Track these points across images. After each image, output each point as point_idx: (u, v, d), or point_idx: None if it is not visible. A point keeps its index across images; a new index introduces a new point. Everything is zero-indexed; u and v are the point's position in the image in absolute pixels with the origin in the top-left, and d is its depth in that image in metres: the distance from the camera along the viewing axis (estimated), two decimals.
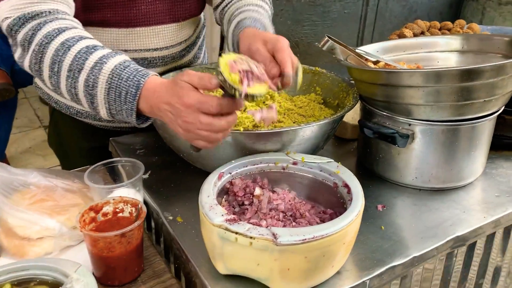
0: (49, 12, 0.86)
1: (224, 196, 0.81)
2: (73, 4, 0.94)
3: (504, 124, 1.12)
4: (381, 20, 2.32)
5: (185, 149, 0.94)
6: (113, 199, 0.82)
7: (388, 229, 0.84)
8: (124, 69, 0.81)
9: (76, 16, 0.95)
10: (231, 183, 0.81)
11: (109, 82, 0.81)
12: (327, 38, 0.96)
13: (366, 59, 1.06)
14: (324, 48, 0.97)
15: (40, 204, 0.86)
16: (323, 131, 0.92)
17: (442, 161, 0.93)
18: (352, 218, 0.67)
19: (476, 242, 0.91)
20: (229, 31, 1.05)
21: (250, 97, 0.71)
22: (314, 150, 0.96)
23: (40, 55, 0.85)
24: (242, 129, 0.86)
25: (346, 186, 0.76)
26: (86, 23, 0.99)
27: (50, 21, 0.86)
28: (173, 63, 1.19)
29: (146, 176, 0.96)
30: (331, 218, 0.78)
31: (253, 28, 0.96)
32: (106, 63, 0.82)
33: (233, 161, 0.84)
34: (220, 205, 0.75)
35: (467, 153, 0.93)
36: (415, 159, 0.94)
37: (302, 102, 1.14)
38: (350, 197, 0.73)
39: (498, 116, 0.95)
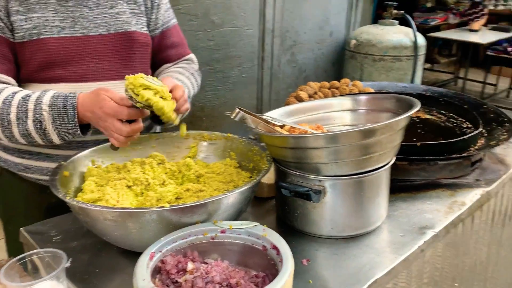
0: None
1: (157, 276, 0.81)
2: (9, 79, 1.15)
3: (397, 169, 1.27)
4: (276, 81, 2.52)
5: (109, 232, 0.92)
6: None
7: (316, 282, 0.90)
8: (57, 100, 1.06)
9: (31, 75, 1.16)
10: (162, 261, 0.82)
11: (51, 113, 1.06)
12: (238, 110, 1.03)
13: (274, 124, 1.15)
14: (236, 119, 1.04)
15: None
16: (245, 196, 0.98)
17: (352, 210, 1.03)
18: (285, 279, 0.71)
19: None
20: None
21: (147, 106, 0.99)
22: (239, 214, 1.01)
23: None
24: (168, 205, 0.87)
25: (275, 247, 0.81)
26: (41, 80, 1.17)
27: None
28: None
29: (68, 264, 0.92)
30: (264, 281, 0.81)
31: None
32: (42, 101, 1.07)
33: (161, 238, 0.84)
34: (155, 285, 0.75)
35: (372, 200, 1.05)
36: (329, 211, 1.03)
37: (219, 168, 1.19)
38: (280, 258, 0.78)
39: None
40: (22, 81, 1.18)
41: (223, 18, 2.17)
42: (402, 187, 1.29)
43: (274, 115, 1.24)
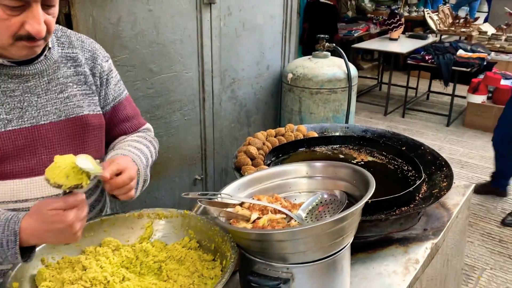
0: None
1: None
2: None
3: None
4: (218, 119, 2.50)
5: None
6: None
7: None
8: None
9: None
10: None
11: None
12: (199, 204, 1.01)
13: (234, 205, 1.14)
14: (198, 213, 1.02)
15: None
16: None
17: None
18: None
19: None
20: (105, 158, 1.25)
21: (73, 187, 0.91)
22: None
23: None
24: None
25: None
26: None
27: None
28: None
29: None
30: None
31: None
32: None
33: None
34: None
35: (338, 277, 1.07)
36: None
37: (179, 252, 1.15)
38: None
39: None
40: None
41: (160, 65, 2.12)
42: (358, 245, 1.33)
43: (231, 189, 1.23)
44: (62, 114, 1.14)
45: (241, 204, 1.20)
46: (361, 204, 0.99)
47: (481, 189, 3.83)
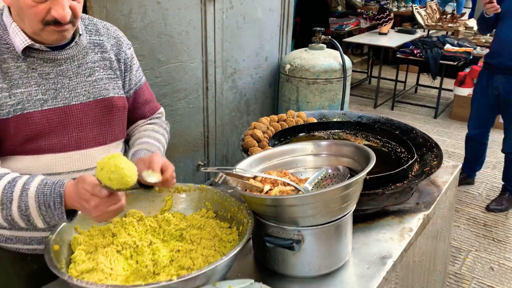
0: None
1: None
2: None
3: None
4: (220, 108, 2.62)
5: None
6: None
7: None
8: (45, 187, 1.06)
9: (14, 148, 1.16)
10: None
11: (37, 201, 1.05)
12: (221, 174, 1.14)
13: (248, 178, 1.27)
14: (220, 182, 1.15)
15: None
16: (236, 253, 1.08)
17: (327, 252, 1.18)
18: None
19: None
20: (129, 155, 1.36)
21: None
22: (230, 268, 1.11)
23: None
24: (175, 277, 0.95)
25: None
26: (25, 152, 1.18)
27: None
28: None
29: None
30: None
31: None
32: (29, 188, 1.06)
33: None
34: None
35: (342, 240, 1.20)
36: (307, 255, 1.17)
37: (198, 221, 1.27)
38: None
39: None
40: (4, 154, 1.18)
41: (168, 55, 2.23)
42: (358, 217, 1.47)
43: (245, 165, 1.35)
44: (90, 96, 1.25)
45: (254, 178, 1.33)
46: (364, 172, 1.13)
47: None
